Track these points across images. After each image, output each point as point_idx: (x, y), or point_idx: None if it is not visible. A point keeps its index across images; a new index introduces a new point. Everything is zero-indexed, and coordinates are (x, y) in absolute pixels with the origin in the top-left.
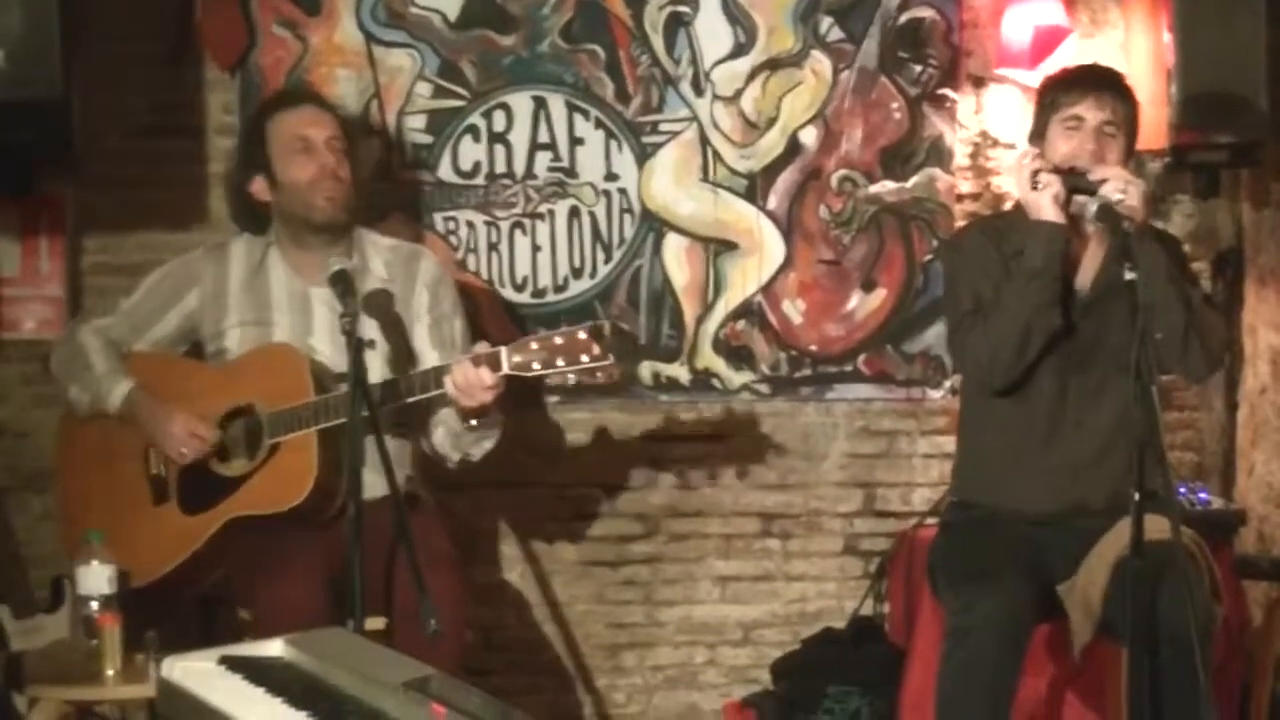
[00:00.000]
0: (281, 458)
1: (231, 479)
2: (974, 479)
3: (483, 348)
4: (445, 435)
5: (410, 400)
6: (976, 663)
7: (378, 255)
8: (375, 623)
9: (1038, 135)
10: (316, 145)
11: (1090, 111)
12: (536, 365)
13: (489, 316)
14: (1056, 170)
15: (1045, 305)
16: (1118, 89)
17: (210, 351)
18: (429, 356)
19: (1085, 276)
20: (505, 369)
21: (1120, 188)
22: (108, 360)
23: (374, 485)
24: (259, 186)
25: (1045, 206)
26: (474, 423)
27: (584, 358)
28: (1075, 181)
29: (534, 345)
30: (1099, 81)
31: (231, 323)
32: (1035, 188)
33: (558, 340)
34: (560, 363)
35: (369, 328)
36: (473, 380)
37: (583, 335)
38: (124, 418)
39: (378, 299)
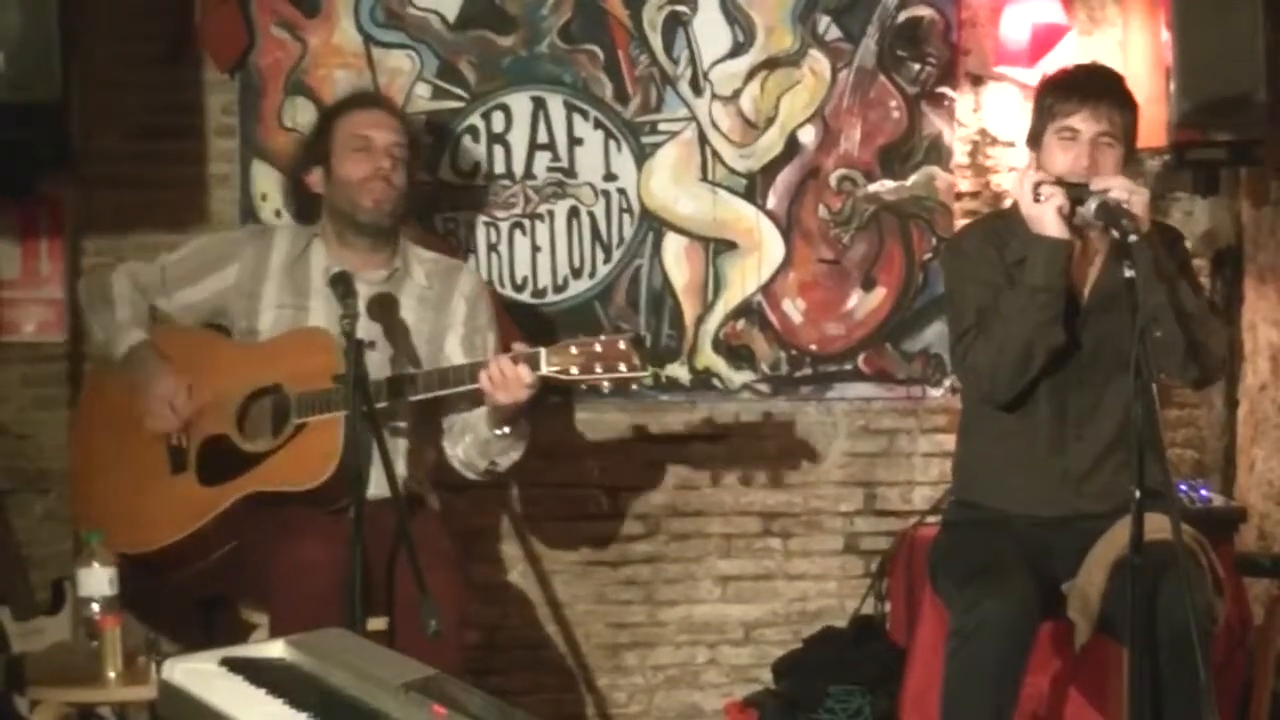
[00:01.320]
0: (307, 438)
1: (253, 454)
2: (975, 482)
3: (521, 348)
4: (474, 443)
5: (445, 393)
6: (982, 661)
7: (420, 265)
8: (377, 623)
9: (1034, 140)
10: (375, 146)
11: (1086, 124)
12: (574, 370)
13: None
14: (1059, 182)
15: (1048, 323)
16: (1115, 96)
17: (242, 329)
18: (458, 363)
19: (1088, 286)
20: (544, 370)
21: (1124, 197)
22: (132, 308)
23: (379, 483)
24: (315, 178)
25: (1049, 220)
26: (505, 430)
27: (622, 367)
28: (1078, 193)
29: (573, 350)
30: (1096, 90)
31: (268, 304)
32: (1038, 200)
33: (597, 348)
34: (598, 369)
35: (372, 331)
36: (509, 375)
37: (623, 345)
38: (124, 367)
39: (381, 302)
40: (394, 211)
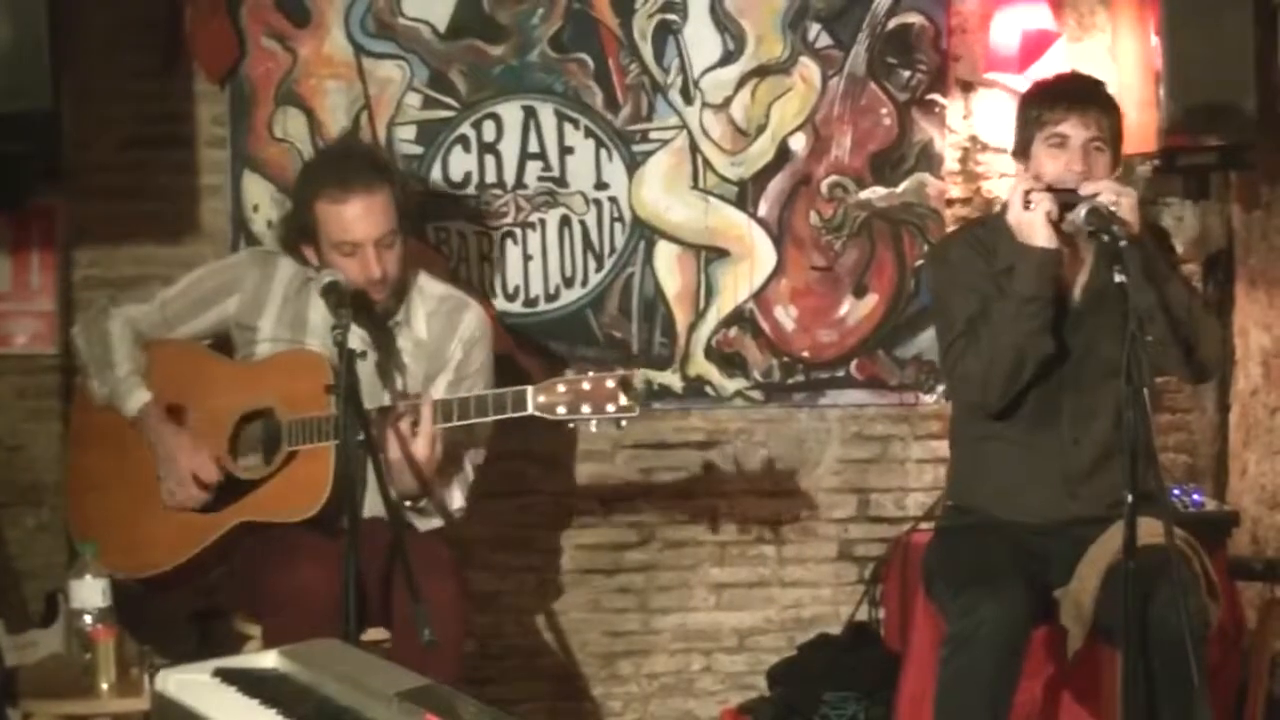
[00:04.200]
0: (298, 466)
1: (245, 481)
2: (970, 488)
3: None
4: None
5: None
6: (976, 668)
7: (423, 306)
8: (375, 634)
9: (1021, 151)
10: (365, 251)
11: (1075, 129)
12: (562, 410)
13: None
14: (1047, 189)
15: (1038, 331)
16: (1101, 101)
17: (239, 357)
18: None
19: (1076, 291)
20: (530, 409)
21: (1112, 200)
22: (132, 360)
23: (374, 505)
24: (309, 254)
25: (1038, 228)
26: (407, 503)
27: (610, 407)
28: (1067, 198)
29: (561, 388)
30: (1082, 96)
31: (265, 335)
32: (1028, 207)
33: (585, 386)
34: (585, 410)
35: (362, 340)
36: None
37: (610, 384)
38: (137, 429)
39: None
40: (396, 294)
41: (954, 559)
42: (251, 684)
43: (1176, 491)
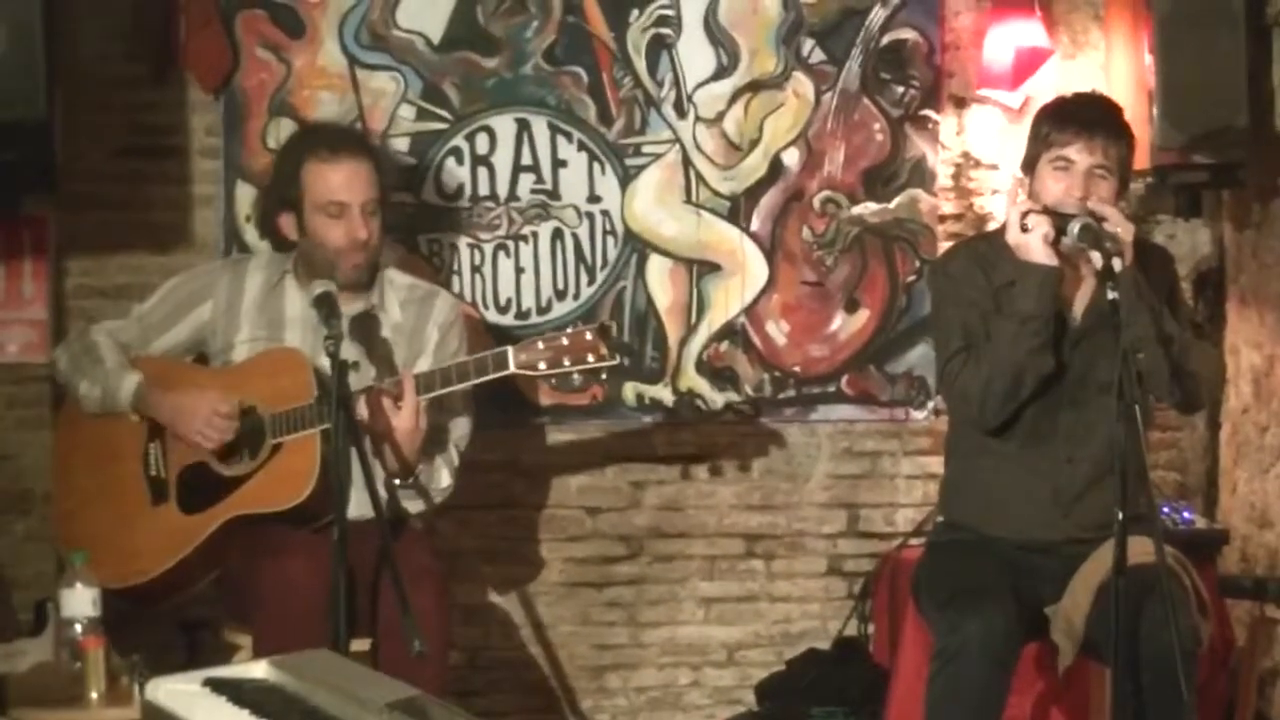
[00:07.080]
0: (283, 458)
1: (232, 479)
2: (963, 504)
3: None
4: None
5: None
6: (964, 683)
7: (395, 294)
8: (360, 644)
9: (1029, 166)
10: (351, 212)
11: (1080, 155)
12: (542, 365)
13: (473, 339)
14: (1045, 210)
15: (1038, 349)
16: (1112, 128)
17: (217, 364)
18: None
19: (1077, 310)
20: (511, 368)
21: (1112, 229)
22: (118, 356)
23: (362, 505)
24: (286, 224)
25: (1035, 248)
26: (396, 481)
27: (590, 357)
28: (1064, 223)
29: (540, 345)
30: (1091, 121)
31: (242, 337)
32: (1025, 229)
33: (564, 340)
34: (566, 362)
35: (354, 352)
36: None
37: (589, 335)
38: (138, 412)
39: (362, 323)
40: (372, 267)
41: (944, 574)
42: (241, 694)
43: (1166, 509)
